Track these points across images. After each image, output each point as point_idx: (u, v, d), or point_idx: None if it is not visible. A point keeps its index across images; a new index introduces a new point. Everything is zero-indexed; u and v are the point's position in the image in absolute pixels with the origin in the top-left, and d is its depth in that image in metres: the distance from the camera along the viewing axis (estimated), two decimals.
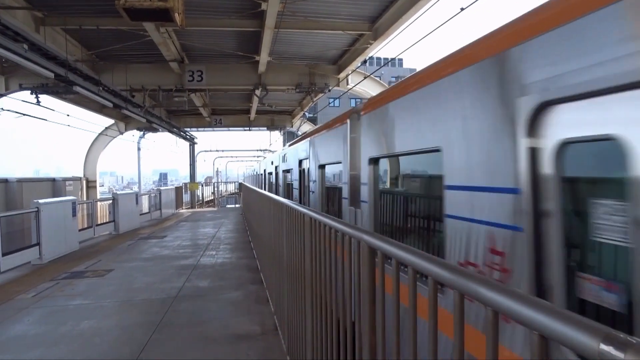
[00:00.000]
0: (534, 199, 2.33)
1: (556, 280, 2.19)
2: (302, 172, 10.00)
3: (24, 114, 14.22)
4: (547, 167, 2.27)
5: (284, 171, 13.57)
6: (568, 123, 2.14)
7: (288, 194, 12.41)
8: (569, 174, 2.20)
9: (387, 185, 4.91)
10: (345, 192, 5.94)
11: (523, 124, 2.37)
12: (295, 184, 10.95)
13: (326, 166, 7.45)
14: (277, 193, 13.67)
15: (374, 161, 4.97)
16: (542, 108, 2.26)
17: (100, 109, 21.73)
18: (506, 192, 2.55)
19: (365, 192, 4.92)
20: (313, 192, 8.50)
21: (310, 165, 8.70)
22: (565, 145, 2.17)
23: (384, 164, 4.91)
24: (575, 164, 2.19)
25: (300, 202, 8.79)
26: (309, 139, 9.13)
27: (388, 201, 4.82)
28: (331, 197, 7.37)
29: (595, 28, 1.95)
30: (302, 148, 9.90)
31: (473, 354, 2.49)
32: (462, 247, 2.99)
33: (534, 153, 2.34)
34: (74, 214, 12.54)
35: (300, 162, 10.23)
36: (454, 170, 3.12)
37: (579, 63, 2.02)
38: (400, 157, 4.50)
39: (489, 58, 2.73)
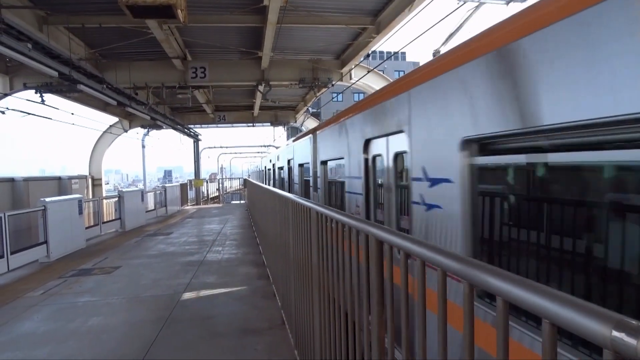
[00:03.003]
0: (366, 181, 5.38)
1: (372, 211, 5.26)
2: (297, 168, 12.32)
3: (29, 113, 14.29)
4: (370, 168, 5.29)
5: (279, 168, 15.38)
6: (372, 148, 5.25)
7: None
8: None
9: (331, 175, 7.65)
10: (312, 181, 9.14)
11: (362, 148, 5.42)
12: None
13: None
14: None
15: (323, 162, 7.99)
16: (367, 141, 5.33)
17: (104, 107, 21.77)
18: (359, 179, 5.57)
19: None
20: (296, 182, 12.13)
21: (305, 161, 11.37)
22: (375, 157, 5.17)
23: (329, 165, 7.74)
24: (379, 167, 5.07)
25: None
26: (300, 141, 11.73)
27: (332, 185, 7.61)
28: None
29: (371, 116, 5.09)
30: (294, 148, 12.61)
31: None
32: (352, 204, 5.90)
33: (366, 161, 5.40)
34: (81, 212, 12.62)
35: (288, 161, 13.56)
36: (350, 169, 6.04)
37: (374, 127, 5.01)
38: (331, 161, 7.49)
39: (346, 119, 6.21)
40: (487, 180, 2.92)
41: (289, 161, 12.86)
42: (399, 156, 4.44)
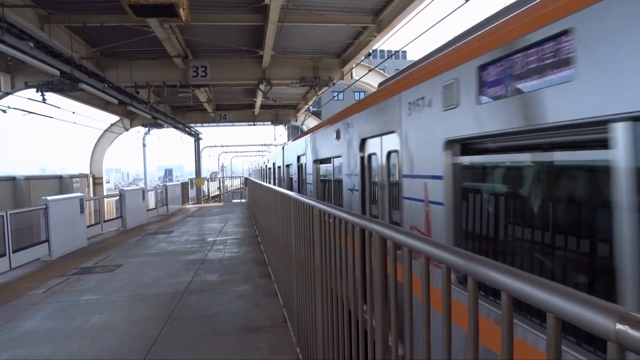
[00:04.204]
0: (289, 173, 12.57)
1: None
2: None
3: (30, 112, 14.31)
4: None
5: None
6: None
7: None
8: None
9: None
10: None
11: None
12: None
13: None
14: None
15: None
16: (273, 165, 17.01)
17: (105, 106, 21.79)
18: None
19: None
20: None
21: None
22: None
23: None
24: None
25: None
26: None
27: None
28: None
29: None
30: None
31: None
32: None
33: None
34: (82, 210, 12.64)
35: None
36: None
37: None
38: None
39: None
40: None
41: (273, 164, 19.03)
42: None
